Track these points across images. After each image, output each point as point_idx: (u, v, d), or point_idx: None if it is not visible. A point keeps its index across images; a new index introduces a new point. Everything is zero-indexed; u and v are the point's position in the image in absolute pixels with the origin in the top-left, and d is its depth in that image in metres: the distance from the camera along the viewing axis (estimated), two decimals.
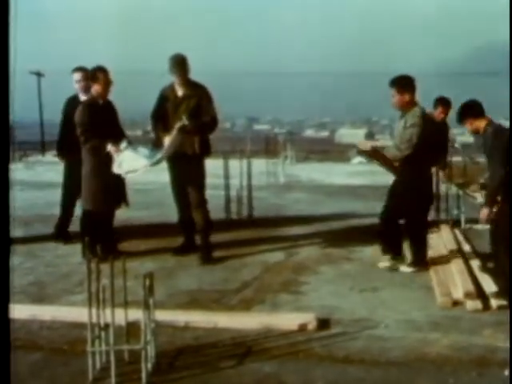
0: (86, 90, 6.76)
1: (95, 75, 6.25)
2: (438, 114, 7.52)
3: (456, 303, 4.94)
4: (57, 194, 7.43)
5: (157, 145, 6.26)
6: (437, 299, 5.05)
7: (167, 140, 6.13)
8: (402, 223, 6.08)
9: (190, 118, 6.13)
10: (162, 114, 6.35)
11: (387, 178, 8.44)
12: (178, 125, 6.05)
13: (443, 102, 7.63)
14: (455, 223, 7.95)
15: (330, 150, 38.65)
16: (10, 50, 3.21)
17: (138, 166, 6.02)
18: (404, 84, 5.81)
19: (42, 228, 7.74)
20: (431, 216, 7.98)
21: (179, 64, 6.24)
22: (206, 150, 6.40)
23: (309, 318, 4.51)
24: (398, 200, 5.93)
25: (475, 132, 5.41)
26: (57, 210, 7.28)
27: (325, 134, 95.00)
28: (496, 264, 5.37)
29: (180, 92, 6.32)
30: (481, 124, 5.23)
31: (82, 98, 6.80)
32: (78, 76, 6.89)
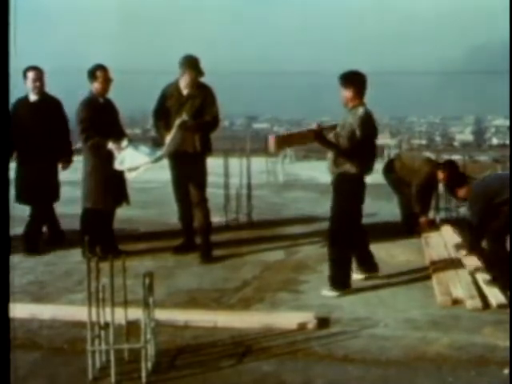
0: (40, 90, 6.68)
1: (94, 73, 6.25)
2: (441, 177, 7.37)
3: (456, 302, 4.94)
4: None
5: (160, 143, 6.26)
6: (436, 298, 5.06)
7: (168, 137, 6.13)
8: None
9: (190, 116, 6.13)
10: (165, 112, 6.35)
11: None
12: (178, 121, 6.06)
13: (452, 167, 7.43)
14: (455, 222, 7.94)
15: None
16: (9, 49, 3.21)
17: (139, 164, 6.02)
18: (350, 80, 5.36)
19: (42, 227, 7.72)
20: (431, 215, 8.01)
21: (192, 66, 6.24)
22: (206, 148, 6.40)
23: (308, 317, 4.51)
24: (340, 209, 5.50)
25: (463, 199, 5.87)
26: (57, 209, 7.25)
27: None
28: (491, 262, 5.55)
29: (185, 91, 6.32)
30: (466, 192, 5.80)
31: (33, 98, 6.70)
32: (32, 75, 6.75)
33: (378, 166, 8.69)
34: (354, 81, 5.38)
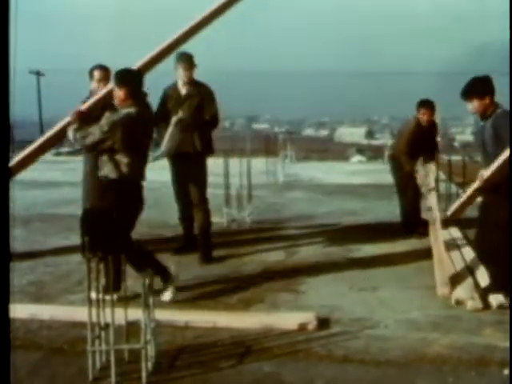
0: None
1: (92, 73, 6.28)
2: (421, 116, 7.48)
3: (457, 303, 4.94)
4: (57, 193, 7.42)
5: (160, 143, 6.26)
6: (437, 298, 5.06)
7: (166, 136, 6.14)
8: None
9: (187, 112, 6.14)
10: (166, 114, 6.35)
11: (386, 177, 8.43)
12: (174, 119, 6.06)
13: (424, 105, 7.57)
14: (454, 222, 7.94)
15: (329, 149, 38.71)
16: (9, 49, 3.21)
17: None
18: (123, 80, 5.13)
19: (43, 227, 7.74)
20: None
21: (185, 62, 6.25)
22: (208, 150, 6.40)
23: (308, 318, 4.51)
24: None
25: (482, 113, 5.01)
26: (57, 210, 7.26)
27: (324, 132, 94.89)
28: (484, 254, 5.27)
29: (183, 91, 6.33)
30: (490, 105, 4.96)
31: None
32: None
33: (378, 167, 8.70)
34: (127, 81, 5.14)
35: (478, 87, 5.01)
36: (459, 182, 9.22)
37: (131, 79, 5.18)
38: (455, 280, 5.39)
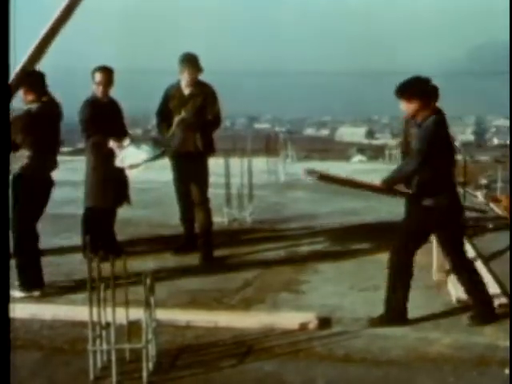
0: None
1: (93, 75, 6.28)
2: (408, 108, 7.36)
3: (459, 302, 4.94)
4: (57, 193, 7.40)
5: (161, 142, 6.26)
6: (433, 274, 5.07)
7: (168, 135, 6.14)
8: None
9: (190, 112, 6.13)
10: (167, 114, 6.35)
11: None
12: (177, 119, 6.06)
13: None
14: None
15: (330, 149, 38.77)
16: (9, 49, 3.21)
17: (140, 161, 6.03)
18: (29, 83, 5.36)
19: (43, 227, 7.71)
20: None
21: (192, 66, 6.24)
22: (210, 149, 6.40)
23: (309, 317, 4.51)
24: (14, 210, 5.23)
25: (411, 116, 4.69)
26: (58, 210, 7.23)
27: (325, 132, 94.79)
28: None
29: (187, 91, 6.32)
30: (421, 110, 4.59)
31: None
32: None
33: (379, 166, 8.71)
34: (24, 80, 5.27)
35: (406, 88, 4.59)
36: (460, 181, 9.18)
37: (27, 79, 5.35)
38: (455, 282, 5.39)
